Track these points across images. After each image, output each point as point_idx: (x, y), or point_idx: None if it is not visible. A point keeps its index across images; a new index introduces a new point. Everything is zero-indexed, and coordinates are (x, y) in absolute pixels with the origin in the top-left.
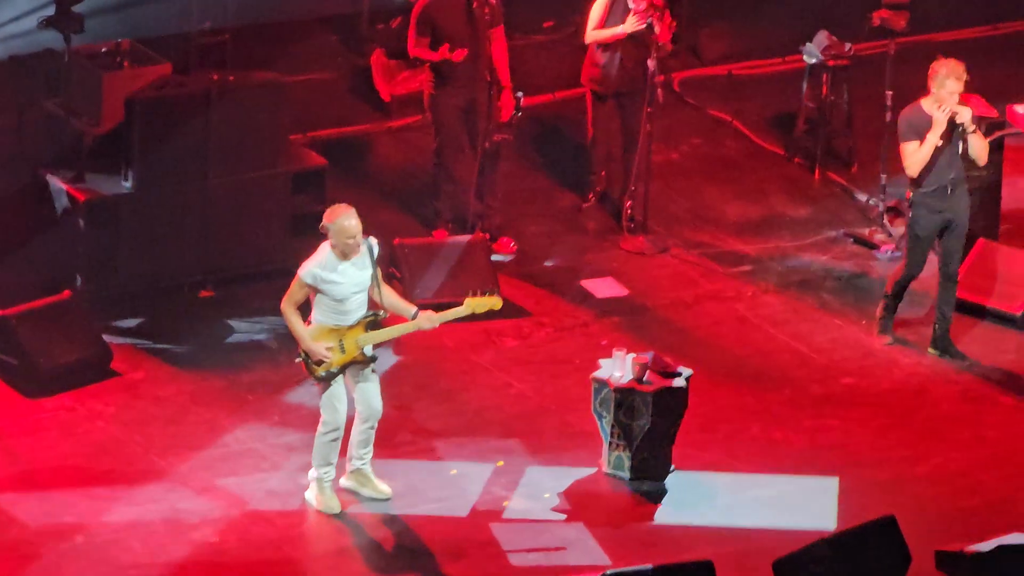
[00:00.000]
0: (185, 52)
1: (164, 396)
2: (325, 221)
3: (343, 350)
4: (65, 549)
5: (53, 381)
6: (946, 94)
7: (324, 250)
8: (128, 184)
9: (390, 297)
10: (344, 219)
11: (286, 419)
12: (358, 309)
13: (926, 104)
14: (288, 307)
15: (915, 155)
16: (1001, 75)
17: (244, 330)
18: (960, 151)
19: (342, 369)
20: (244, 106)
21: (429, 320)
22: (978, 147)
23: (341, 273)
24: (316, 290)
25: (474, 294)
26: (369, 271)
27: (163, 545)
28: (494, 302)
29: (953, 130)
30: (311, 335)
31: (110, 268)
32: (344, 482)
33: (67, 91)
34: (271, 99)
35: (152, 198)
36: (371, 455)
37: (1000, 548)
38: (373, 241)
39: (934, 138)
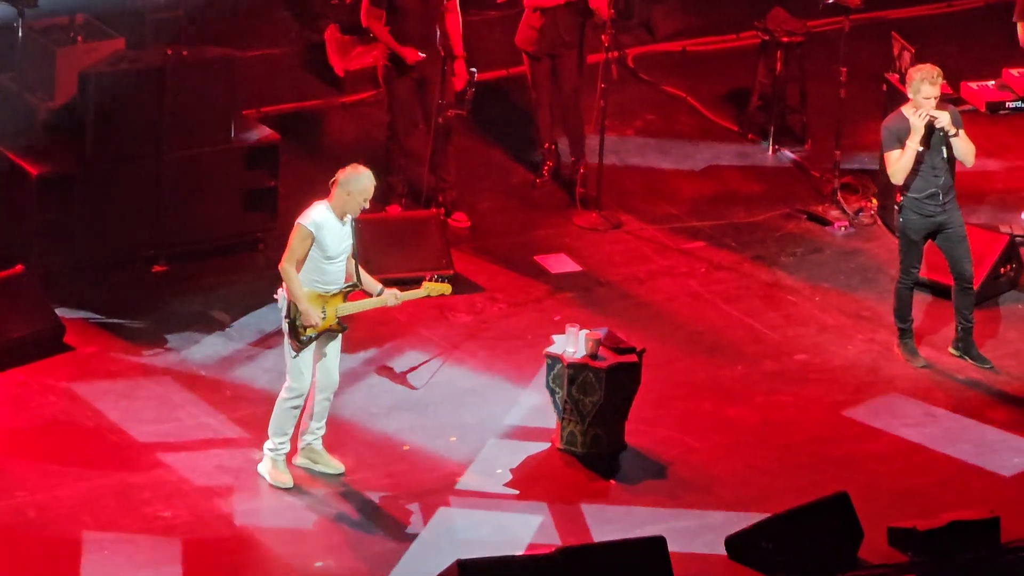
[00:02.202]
0: (139, 27)
1: (116, 371)
2: (344, 176)
3: (323, 317)
4: (16, 523)
5: (5, 355)
6: (922, 99)
7: (321, 205)
8: (81, 159)
9: (361, 272)
10: (367, 179)
11: (238, 394)
12: (338, 275)
13: (906, 111)
14: (289, 266)
15: (897, 163)
16: (955, 52)
17: (197, 305)
18: (946, 155)
19: (319, 336)
20: (198, 81)
21: (395, 297)
22: (963, 149)
23: (334, 229)
24: (314, 240)
25: (431, 278)
26: (351, 240)
27: (114, 520)
28: (444, 288)
29: (933, 135)
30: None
31: (63, 242)
32: (297, 460)
33: (21, 66)
34: (225, 74)
35: (105, 173)
36: (323, 432)
37: (952, 525)
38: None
39: (914, 144)
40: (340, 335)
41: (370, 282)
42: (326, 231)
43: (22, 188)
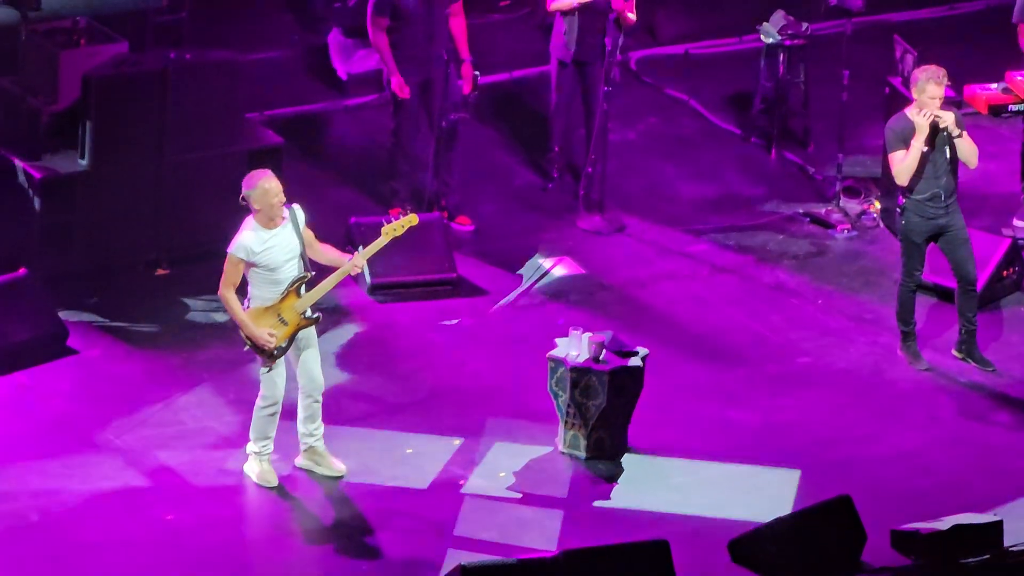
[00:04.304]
0: (142, 30)
1: (119, 374)
2: (246, 189)
3: (285, 322)
4: (20, 527)
5: (8, 359)
6: (927, 99)
7: (249, 224)
8: (84, 162)
9: (325, 253)
10: (265, 181)
11: (241, 397)
12: (292, 277)
13: (910, 112)
14: (227, 292)
15: (902, 164)
16: (957, 55)
17: (199, 308)
18: (949, 156)
19: (290, 342)
20: (200, 85)
21: (354, 264)
22: (967, 150)
23: (270, 241)
24: (250, 264)
25: (388, 222)
26: (297, 238)
27: (118, 523)
28: (409, 219)
29: (937, 135)
30: (251, 319)
31: (66, 246)
32: (299, 462)
33: (24, 69)
34: (227, 77)
35: (108, 176)
36: (322, 431)
37: (955, 528)
38: (297, 207)
39: (919, 144)
40: (314, 333)
41: (338, 258)
42: (260, 247)
43: (25, 191)
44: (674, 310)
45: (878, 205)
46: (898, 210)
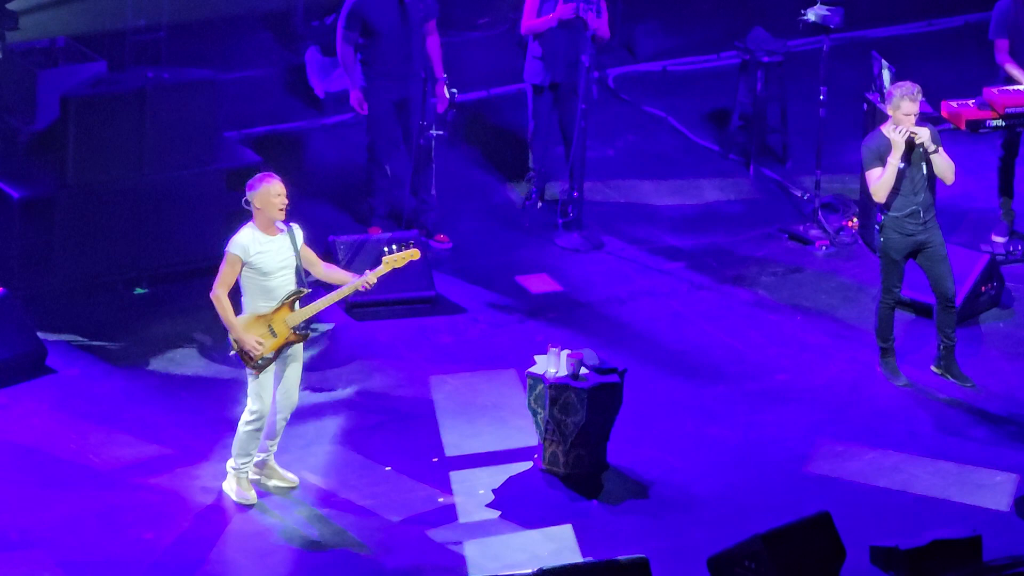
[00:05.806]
0: (120, 49)
1: (99, 393)
2: (249, 191)
3: (274, 334)
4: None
5: None
6: (902, 115)
7: (247, 227)
8: (63, 182)
9: (329, 272)
10: (267, 180)
11: (220, 416)
12: (285, 290)
13: (886, 129)
14: (221, 291)
15: (879, 181)
16: (935, 71)
17: (179, 327)
18: (926, 172)
19: (277, 354)
20: (179, 103)
21: (366, 282)
22: (943, 166)
23: (267, 245)
24: (245, 263)
25: (390, 251)
26: (292, 252)
27: (97, 542)
28: (411, 254)
29: (913, 152)
30: (241, 325)
31: (44, 265)
32: (249, 476)
33: (1, 89)
34: (206, 96)
35: (87, 195)
36: (275, 448)
37: (934, 543)
38: (295, 226)
39: (895, 161)
40: (300, 350)
41: (344, 276)
42: (255, 251)
43: (3, 211)
44: (652, 327)
45: (856, 221)
46: (876, 227)
